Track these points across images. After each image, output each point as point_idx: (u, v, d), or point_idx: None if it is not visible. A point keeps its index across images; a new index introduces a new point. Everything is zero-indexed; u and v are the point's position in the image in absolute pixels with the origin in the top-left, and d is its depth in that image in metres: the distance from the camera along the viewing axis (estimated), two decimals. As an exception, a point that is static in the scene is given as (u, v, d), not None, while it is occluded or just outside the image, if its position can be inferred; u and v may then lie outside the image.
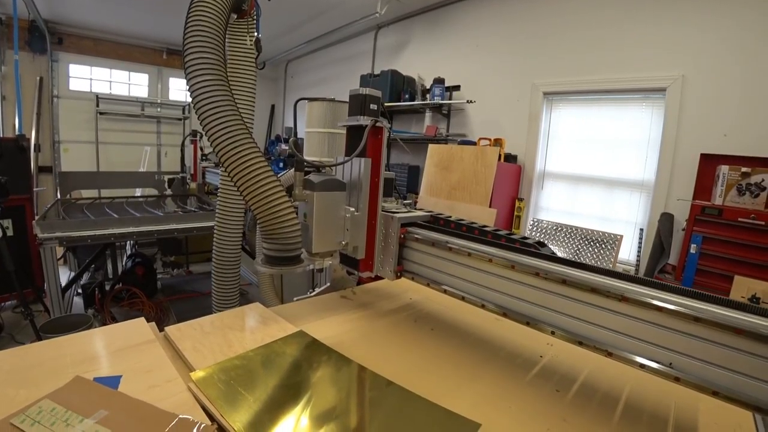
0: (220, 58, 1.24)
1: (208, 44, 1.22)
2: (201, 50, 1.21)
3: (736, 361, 0.78)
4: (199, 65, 1.20)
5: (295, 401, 0.91)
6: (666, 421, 1.01)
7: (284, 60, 8.07)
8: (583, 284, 0.89)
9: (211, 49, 1.23)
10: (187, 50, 1.21)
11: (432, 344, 1.28)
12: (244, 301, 1.74)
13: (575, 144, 3.76)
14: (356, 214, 1.31)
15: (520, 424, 0.93)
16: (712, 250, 2.61)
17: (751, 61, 2.85)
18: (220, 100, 1.20)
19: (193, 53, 1.20)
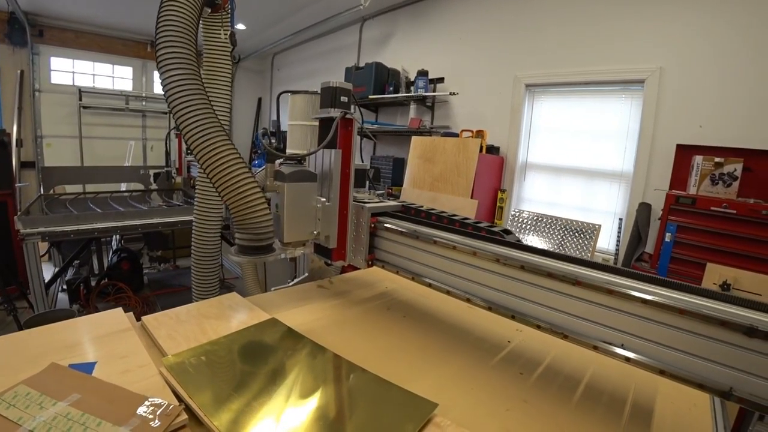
0: (191, 53, 1.26)
1: (180, 38, 1.24)
2: (173, 45, 1.23)
3: (680, 340, 0.82)
4: (170, 60, 1.22)
5: (258, 382, 0.94)
6: (624, 401, 1.06)
7: (270, 52, 8.02)
8: (540, 269, 0.93)
9: (183, 44, 1.25)
10: (159, 45, 1.23)
11: (402, 331, 1.31)
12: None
13: (556, 135, 3.80)
14: (327, 204, 1.34)
15: (480, 404, 0.96)
16: (686, 238, 2.67)
17: (726, 54, 2.91)
18: (191, 95, 1.22)
19: (165, 48, 1.22)
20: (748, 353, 0.76)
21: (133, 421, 0.76)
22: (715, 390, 0.80)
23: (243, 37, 7.13)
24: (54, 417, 0.75)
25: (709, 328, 0.78)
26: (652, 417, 1.01)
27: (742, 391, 0.78)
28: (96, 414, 0.77)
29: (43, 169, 4.69)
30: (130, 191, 4.72)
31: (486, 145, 3.69)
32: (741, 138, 2.84)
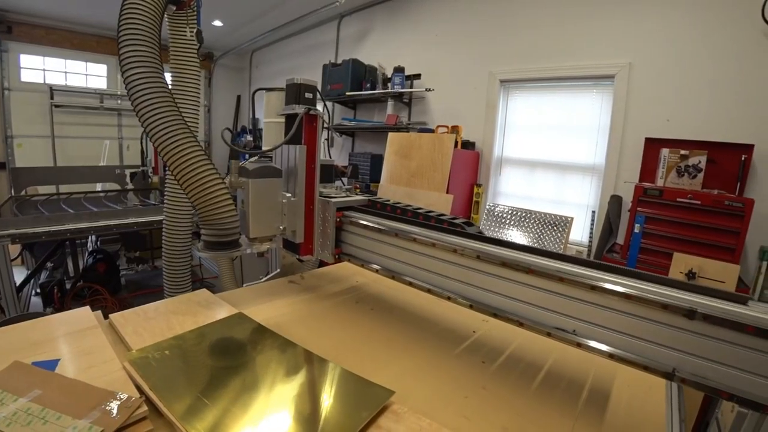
0: (155, 51, 1.26)
1: (143, 37, 1.24)
2: (135, 43, 1.22)
3: (626, 324, 0.85)
4: (132, 58, 1.21)
5: (220, 375, 0.95)
6: (582, 387, 1.09)
7: (249, 50, 7.94)
8: (494, 258, 0.95)
9: (146, 42, 1.24)
10: (121, 44, 1.23)
11: (368, 323, 1.33)
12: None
13: (531, 130, 3.86)
14: (293, 199, 1.34)
15: (438, 392, 0.98)
16: (654, 229, 2.74)
17: (691, 51, 3.01)
18: (154, 93, 1.22)
19: (128, 46, 1.22)
20: (689, 335, 0.80)
21: (93, 414, 0.77)
22: (659, 371, 0.83)
23: (220, 33, 7.05)
24: (14, 412, 0.75)
25: (652, 311, 0.81)
26: (608, 401, 1.04)
27: (684, 371, 0.81)
28: (56, 408, 0.78)
29: (13, 170, 4.59)
30: (105, 191, 4.64)
31: (461, 140, 3.72)
32: (705, 131, 2.93)
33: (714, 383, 0.79)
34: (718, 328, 0.77)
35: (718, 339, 0.77)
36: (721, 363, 0.78)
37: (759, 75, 2.80)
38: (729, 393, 0.78)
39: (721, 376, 0.79)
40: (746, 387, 0.77)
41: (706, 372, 0.80)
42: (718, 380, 0.79)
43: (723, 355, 0.78)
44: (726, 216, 2.55)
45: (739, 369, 0.77)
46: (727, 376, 0.78)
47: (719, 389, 0.79)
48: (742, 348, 0.76)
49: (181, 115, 1.27)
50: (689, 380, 0.81)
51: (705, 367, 0.80)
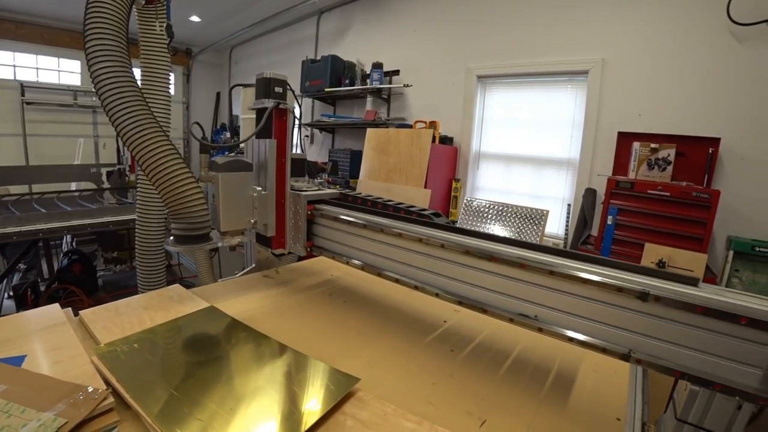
0: (122, 45, 1.24)
1: (109, 30, 1.22)
2: (102, 37, 1.21)
3: (584, 308, 0.87)
4: (99, 52, 1.20)
5: (188, 366, 0.96)
6: (549, 372, 1.12)
7: (228, 45, 7.85)
8: (458, 247, 0.97)
9: (112, 35, 1.23)
10: (87, 37, 1.21)
11: (341, 315, 1.34)
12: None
13: (507, 125, 3.91)
14: (264, 193, 1.34)
15: (406, 379, 1.00)
16: (626, 220, 2.81)
17: (661, 48, 3.09)
18: (121, 87, 1.20)
19: (94, 40, 1.20)
20: (642, 316, 0.82)
21: (59, 407, 0.77)
22: (616, 353, 0.85)
23: (198, 29, 6.95)
24: (-22, 408, 0.74)
25: (607, 295, 0.83)
26: (573, 385, 1.07)
27: (639, 352, 0.84)
28: (21, 402, 0.77)
29: (-19, 170, 4.45)
30: (80, 191, 4.54)
31: (439, 135, 3.75)
32: (675, 125, 3.01)
33: (667, 363, 0.82)
34: (670, 309, 0.80)
35: (670, 320, 0.80)
36: (674, 343, 0.81)
37: (725, 71, 2.89)
38: (681, 372, 0.81)
39: (673, 356, 0.82)
40: (697, 365, 0.81)
41: (660, 352, 0.83)
42: (671, 360, 0.82)
43: (675, 335, 0.81)
44: (694, 207, 2.62)
45: (690, 348, 0.80)
46: (680, 356, 0.81)
47: (672, 368, 0.82)
48: (693, 328, 0.79)
49: (150, 110, 1.26)
50: (644, 361, 0.84)
51: (659, 348, 0.83)
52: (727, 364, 0.79)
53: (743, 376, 0.78)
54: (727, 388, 0.79)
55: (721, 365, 0.79)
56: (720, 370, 0.79)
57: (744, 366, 0.77)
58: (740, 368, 0.78)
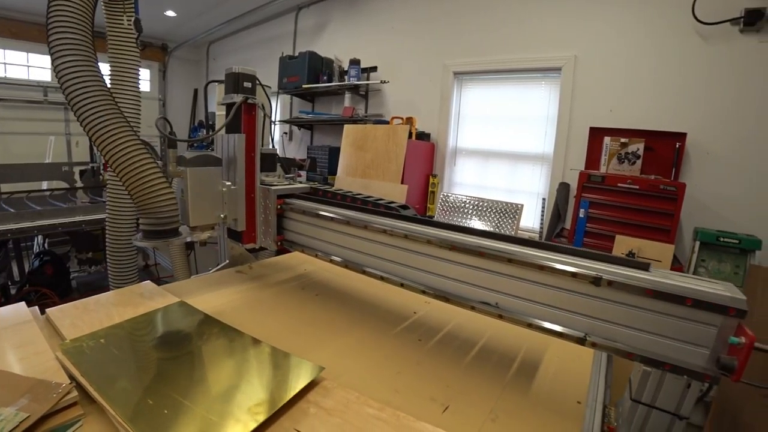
0: (86, 38, 1.23)
1: (73, 23, 1.20)
2: (65, 30, 1.19)
3: (542, 294, 0.90)
4: (62, 45, 1.18)
5: (154, 359, 0.96)
6: (514, 359, 1.15)
7: (205, 41, 7.73)
8: (421, 237, 0.99)
9: (76, 28, 1.21)
10: (50, 30, 1.19)
11: (312, 308, 1.35)
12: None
13: (484, 121, 3.95)
14: (233, 188, 1.34)
15: (372, 368, 1.01)
16: (597, 213, 2.88)
17: (631, 45, 3.16)
18: (85, 80, 1.19)
19: (57, 32, 1.18)
20: (596, 301, 0.86)
21: (21, 402, 0.76)
22: (572, 337, 0.88)
23: (173, 24, 6.83)
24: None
25: (563, 280, 0.86)
26: (537, 371, 1.10)
27: (594, 336, 0.87)
28: (-17, 399, 0.76)
29: (-54, 169, 4.31)
30: (52, 190, 4.43)
31: (416, 131, 3.77)
32: (645, 121, 3.09)
33: (620, 345, 0.86)
34: (622, 293, 0.83)
35: (622, 303, 0.84)
36: (626, 326, 0.85)
37: (691, 68, 2.98)
38: (634, 353, 0.85)
39: (626, 338, 0.85)
40: (648, 347, 0.84)
41: (614, 335, 0.86)
42: (624, 342, 0.86)
43: (627, 318, 0.84)
44: (661, 199, 2.70)
45: (641, 330, 0.84)
46: (632, 338, 0.85)
47: (625, 351, 0.85)
48: (644, 311, 0.83)
49: (116, 104, 1.24)
50: (599, 344, 0.87)
51: (612, 331, 0.86)
52: (675, 345, 0.82)
53: (691, 355, 0.81)
54: (676, 367, 0.82)
55: (670, 346, 0.83)
56: (670, 351, 0.83)
57: (691, 346, 0.81)
58: (688, 348, 0.82)
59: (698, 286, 0.80)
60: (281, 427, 0.76)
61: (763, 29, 2.78)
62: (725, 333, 0.78)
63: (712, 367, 0.81)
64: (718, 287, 0.81)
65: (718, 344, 0.79)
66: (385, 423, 0.77)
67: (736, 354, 0.78)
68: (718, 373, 0.80)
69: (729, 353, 0.79)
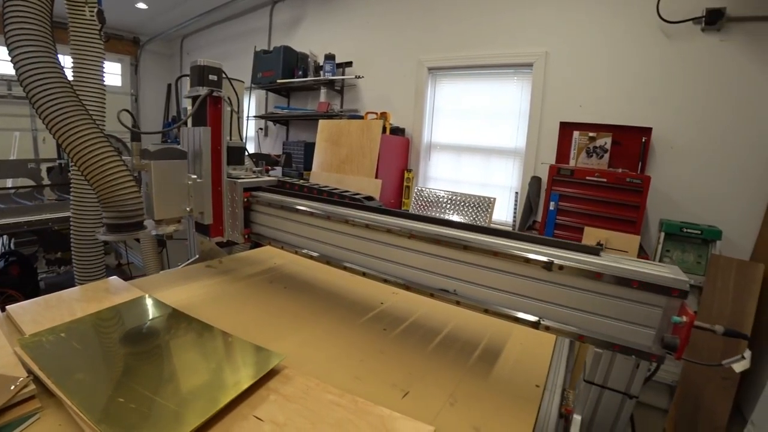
0: (45, 28, 1.20)
1: (32, 13, 1.17)
2: (23, 20, 1.16)
3: (497, 280, 0.92)
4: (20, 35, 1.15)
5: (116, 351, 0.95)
6: (476, 346, 1.17)
7: (179, 35, 7.57)
8: (381, 226, 1.00)
9: (35, 18, 1.18)
10: (6, 19, 1.16)
11: (279, 300, 1.35)
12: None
13: (458, 116, 4.00)
14: (199, 181, 1.33)
15: (336, 357, 1.03)
16: (567, 206, 2.95)
17: (601, 42, 3.25)
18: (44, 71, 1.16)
19: (14, 23, 1.15)
20: (549, 285, 0.88)
21: (-25, 397, 0.75)
22: (527, 321, 0.91)
23: (145, 17, 6.68)
24: None
25: (516, 266, 0.89)
26: (499, 357, 1.13)
27: (547, 319, 0.90)
28: (-64, 395, 0.75)
29: None
30: (17, 188, 4.29)
31: (390, 126, 3.79)
32: (613, 116, 3.17)
33: (573, 328, 0.89)
34: (573, 277, 0.86)
35: (573, 287, 0.87)
36: (578, 309, 0.88)
37: (656, 66, 3.08)
38: (585, 336, 0.88)
39: (578, 321, 0.88)
40: (600, 329, 0.87)
41: (566, 318, 0.89)
42: (576, 325, 0.89)
43: (579, 301, 0.87)
44: (628, 192, 2.78)
45: (591, 313, 0.87)
46: (584, 321, 0.88)
47: (577, 333, 0.88)
48: (593, 294, 0.86)
49: (76, 96, 1.22)
50: (553, 328, 0.90)
51: (565, 314, 0.89)
52: (624, 326, 0.86)
53: (639, 336, 0.85)
54: (624, 348, 0.86)
55: (619, 327, 0.86)
56: (619, 332, 0.86)
57: (639, 327, 0.85)
58: (636, 329, 0.85)
59: (644, 269, 0.83)
60: (240, 413, 0.76)
61: (723, 28, 2.89)
62: (670, 313, 0.82)
63: (657, 347, 0.84)
64: (663, 270, 0.84)
65: (664, 324, 0.82)
66: (343, 408, 0.78)
67: (679, 333, 0.82)
68: (663, 352, 0.84)
69: (674, 333, 0.83)
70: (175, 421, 0.71)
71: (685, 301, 0.81)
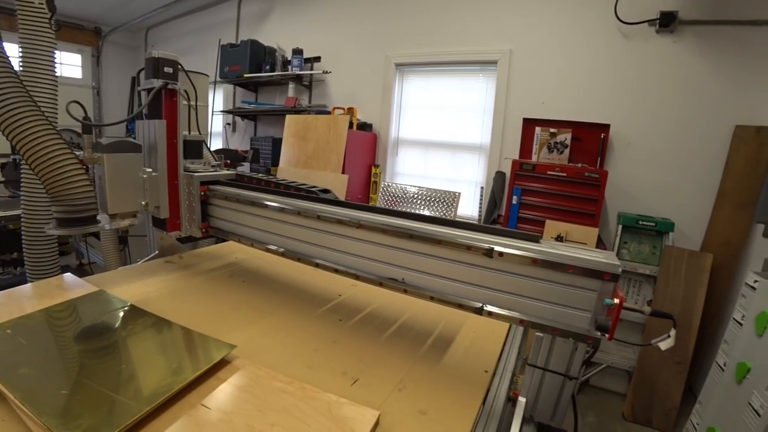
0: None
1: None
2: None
3: (442, 268, 0.96)
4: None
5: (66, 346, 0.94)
6: (429, 335, 1.20)
7: (143, 26, 7.35)
8: (331, 217, 1.02)
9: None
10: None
11: (237, 293, 1.36)
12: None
13: (425, 112, 4.05)
14: (154, 174, 1.32)
15: (290, 347, 1.05)
16: (529, 200, 3.04)
17: (562, 41, 3.35)
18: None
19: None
20: (490, 272, 0.92)
21: None
22: (471, 307, 0.95)
23: (108, 7, 6.46)
24: None
25: (460, 253, 0.92)
26: (450, 345, 1.17)
27: (490, 305, 0.94)
28: None
29: None
30: (-35, 185, 4.10)
31: (357, 121, 3.81)
32: (574, 112, 3.27)
33: (514, 314, 0.93)
34: (512, 263, 0.90)
35: (513, 273, 0.90)
36: (518, 294, 0.92)
37: (614, 64, 3.20)
38: (526, 320, 0.92)
39: (520, 306, 0.92)
40: (540, 313, 0.91)
41: (508, 304, 0.93)
42: (519, 310, 0.93)
43: (519, 287, 0.91)
44: (587, 186, 2.89)
45: (531, 298, 0.91)
46: (525, 306, 0.92)
47: (518, 318, 0.92)
48: (533, 279, 0.90)
49: (23, 86, 1.19)
50: (495, 313, 0.94)
51: (506, 300, 0.93)
52: (562, 310, 0.90)
53: (576, 319, 0.89)
54: (562, 331, 0.90)
55: (558, 311, 0.90)
56: (558, 316, 0.90)
57: (576, 310, 0.89)
58: (573, 312, 0.89)
59: (579, 254, 0.87)
60: (188, 402, 0.77)
61: (676, 30, 3.02)
62: (604, 297, 0.86)
63: (592, 329, 0.89)
64: (598, 255, 0.88)
65: (598, 307, 0.87)
66: (291, 395, 0.80)
67: (611, 315, 0.87)
68: (597, 333, 0.89)
69: (607, 315, 0.88)
70: (121, 411, 0.71)
71: (617, 284, 0.86)
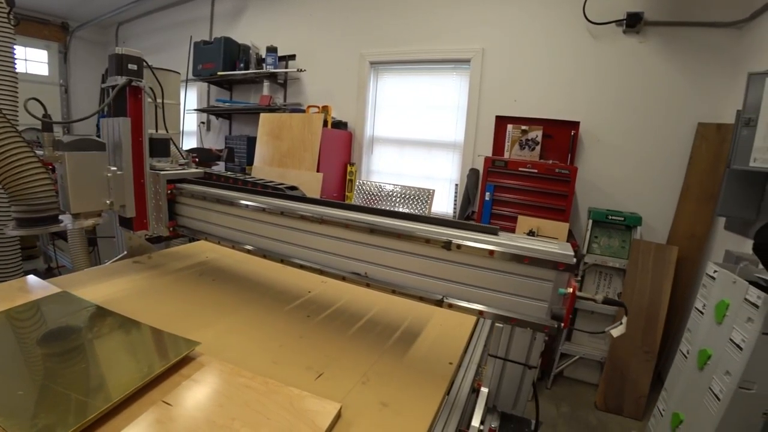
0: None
1: None
2: None
3: (403, 261, 0.97)
4: None
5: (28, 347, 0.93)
6: (396, 329, 1.22)
7: (114, 22, 7.17)
8: (294, 213, 1.03)
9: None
10: None
11: (206, 292, 1.35)
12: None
13: (400, 110, 4.08)
14: (119, 173, 1.31)
15: (256, 343, 1.05)
16: (502, 196, 3.10)
17: (533, 40, 3.43)
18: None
19: None
20: (449, 264, 0.94)
21: None
22: (431, 300, 0.97)
23: (75, 1, 6.28)
24: None
25: (419, 246, 0.94)
26: (416, 339, 1.19)
27: (450, 297, 0.96)
28: None
29: None
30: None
31: (332, 120, 3.81)
32: (545, 110, 3.35)
33: (473, 305, 0.95)
34: (470, 255, 0.92)
35: (471, 265, 0.93)
36: (477, 286, 0.94)
37: (583, 63, 3.28)
38: (485, 312, 0.95)
39: (479, 298, 0.95)
40: (498, 304, 0.94)
41: (467, 296, 0.95)
42: (478, 301, 0.95)
43: (477, 279, 0.93)
44: (557, 182, 2.96)
45: (489, 289, 0.94)
46: (484, 297, 0.94)
47: (477, 309, 0.95)
48: (490, 271, 0.92)
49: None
50: (455, 305, 0.96)
51: (465, 292, 0.95)
52: (520, 301, 0.93)
53: (533, 309, 0.92)
54: (520, 321, 0.93)
55: (515, 302, 0.93)
56: (516, 307, 0.93)
57: (533, 301, 0.92)
58: (530, 303, 0.92)
59: (534, 246, 0.90)
60: (149, 399, 0.78)
61: (642, 31, 3.11)
62: (559, 287, 0.89)
63: (549, 319, 0.92)
64: (553, 246, 0.91)
65: (555, 297, 0.90)
66: (254, 390, 0.81)
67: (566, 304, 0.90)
68: (552, 322, 0.92)
69: (562, 305, 0.91)
70: (79, 409, 0.72)
71: (571, 274, 0.89)
